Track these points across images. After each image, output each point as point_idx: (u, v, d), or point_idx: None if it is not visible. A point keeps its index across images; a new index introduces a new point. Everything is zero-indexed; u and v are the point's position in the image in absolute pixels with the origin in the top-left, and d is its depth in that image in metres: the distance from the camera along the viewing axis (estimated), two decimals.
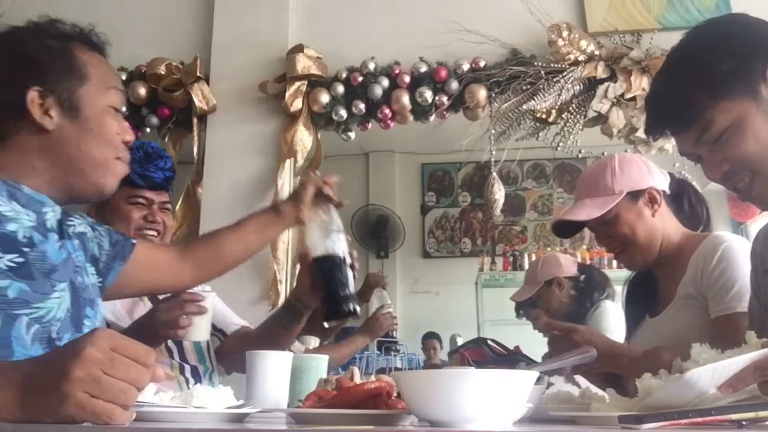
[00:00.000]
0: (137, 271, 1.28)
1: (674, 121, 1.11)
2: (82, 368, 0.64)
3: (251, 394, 1.17)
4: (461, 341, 3.22)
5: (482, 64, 2.53)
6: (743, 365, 0.73)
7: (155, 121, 2.77)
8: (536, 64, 2.48)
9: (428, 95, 2.51)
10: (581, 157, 2.93)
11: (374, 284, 2.88)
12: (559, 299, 2.58)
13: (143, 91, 2.73)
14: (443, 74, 2.53)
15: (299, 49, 2.64)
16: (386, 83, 2.56)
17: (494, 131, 2.50)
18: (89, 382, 0.64)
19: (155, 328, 1.38)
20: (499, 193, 2.54)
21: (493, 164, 2.55)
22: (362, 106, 2.57)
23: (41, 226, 1.05)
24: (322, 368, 1.29)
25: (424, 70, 2.54)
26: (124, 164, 1.14)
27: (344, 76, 2.60)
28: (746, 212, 4.09)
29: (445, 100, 2.52)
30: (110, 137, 1.10)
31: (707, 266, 1.40)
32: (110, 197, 1.48)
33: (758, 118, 1.02)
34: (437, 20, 2.50)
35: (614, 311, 2.42)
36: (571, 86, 2.44)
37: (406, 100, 2.54)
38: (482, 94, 2.49)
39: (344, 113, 2.59)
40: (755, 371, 0.73)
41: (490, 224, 5.08)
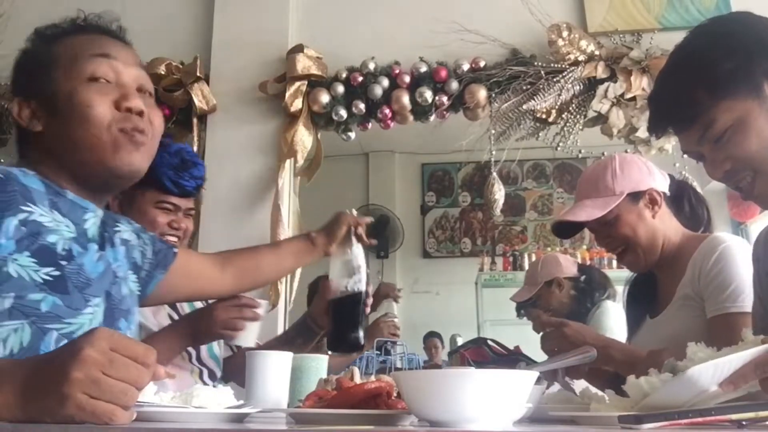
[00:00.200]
0: (177, 279, 1.29)
1: (676, 119, 1.11)
2: (81, 369, 0.64)
3: (251, 394, 1.17)
4: (461, 341, 3.21)
5: (482, 64, 2.53)
6: (744, 362, 0.73)
7: None
8: (536, 64, 2.48)
9: (428, 95, 2.51)
10: (581, 157, 2.93)
11: (385, 294, 2.85)
12: (559, 300, 2.58)
13: None
14: (443, 74, 2.52)
15: (299, 49, 2.64)
16: (386, 83, 2.56)
17: (494, 131, 2.50)
18: (88, 383, 0.64)
19: (211, 325, 1.42)
20: (499, 193, 2.54)
21: (493, 164, 2.55)
22: (362, 106, 2.57)
23: (81, 236, 1.03)
24: (322, 368, 1.29)
25: (424, 70, 2.54)
26: (131, 134, 1.03)
27: (344, 76, 2.60)
28: (746, 212, 4.09)
29: (445, 100, 2.51)
30: (94, 115, 1.00)
31: (705, 267, 1.40)
32: (137, 198, 1.52)
33: (761, 117, 1.02)
34: (437, 20, 2.50)
35: (615, 311, 2.42)
36: (571, 86, 2.44)
37: (406, 100, 2.54)
38: (482, 94, 2.49)
39: (344, 113, 2.58)
40: (756, 368, 0.73)
41: (490, 224, 5.08)
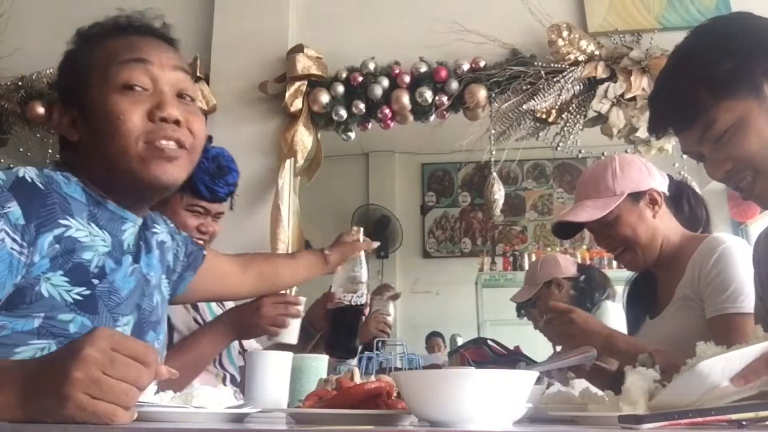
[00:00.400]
0: (204, 280, 1.33)
1: (677, 119, 1.11)
2: (81, 369, 0.64)
3: (251, 394, 1.17)
4: (461, 341, 3.21)
5: (482, 64, 2.53)
6: (755, 356, 0.73)
7: None
8: (536, 64, 2.48)
9: (428, 95, 2.51)
10: (581, 157, 2.93)
11: (378, 293, 2.85)
12: (558, 300, 2.58)
13: None
14: (443, 74, 2.52)
15: (299, 49, 2.64)
16: (386, 83, 2.55)
17: (494, 131, 2.50)
18: (89, 383, 0.64)
19: (257, 320, 1.46)
20: (499, 193, 2.53)
21: (493, 164, 2.54)
22: (362, 106, 2.56)
23: (117, 249, 1.02)
24: (322, 368, 1.30)
25: (424, 70, 2.54)
26: (161, 147, 1.00)
27: (344, 76, 2.60)
28: (746, 212, 4.09)
29: (445, 100, 2.51)
30: (125, 128, 0.98)
31: (704, 268, 1.40)
32: (170, 199, 1.49)
33: (761, 117, 1.02)
34: (437, 20, 2.50)
35: (615, 311, 2.42)
36: (571, 86, 2.44)
37: (406, 100, 2.53)
38: (482, 94, 2.49)
39: (344, 113, 2.58)
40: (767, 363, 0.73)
41: (490, 224, 5.08)
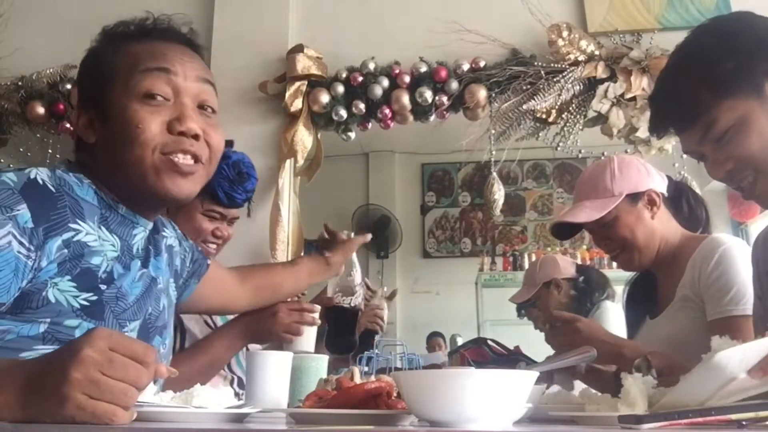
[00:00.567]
0: (206, 290, 1.31)
1: (678, 119, 1.11)
2: (80, 370, 0.64)
3: (251, 394, 1.17)
4: (461, 341, 3.21)
5: (482, 64, 2.53)
6: None
7: None
8: (536, 64, 2.47)
9: (428, 95, 2.51)
10: (581, 157, 2.92)
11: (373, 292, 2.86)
12: (557, 300, 2.59)
13: None
14: (443, 74, 2.52)
15: (299, 49, 2.63)
16: (386, 83, 2.55)
17: (494, 131, 2.50)
18: (88, 384, 0.64)
19: (272, 326, 1.46)
20: (499, 193, 2.53)
21: (493, 164, 2.54)
22: (362, 106, 2.56)
23: (126, 254, 1.01)
24: (322, 368, 1.30)
25: (424, 70, 2.54)
26: (176, 161, 0.99)
27: (344, 76, 2.60)
28: (746, 212, 4.09)
29: (445, 100, 2.51)
30: (143, 138, 0.97)
31: (705, 269, 1.39)
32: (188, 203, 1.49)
33: (762, 116, 1.02)
34: (437, 20, 2.50)
35: (614, 311, 2.42)
36: (571, 86, 2.44)
37: (406, 100, 2.53)
38: (482, 94, 2.49)
39: (344, 113, 2.58)
40: None
41: (490, 224, 5.08)
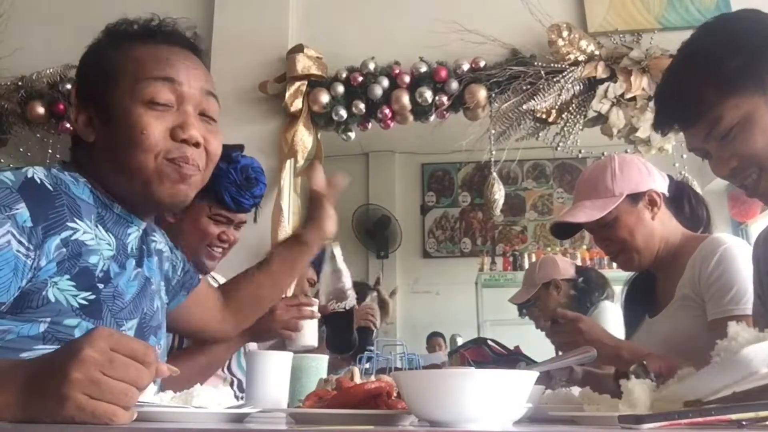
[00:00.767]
0: (193, 307, 1.29)
1: (683, 116, 1.11)
2: (80, 370, 0.64)
3: (251, 394, 1.17)
4: (461, 341, 3.21)
5: (482, 64, 2.53)
6: None
7: None
8: (536, 64, 2.48)
9: (428, 95, 2.51)
10: (581, 157, 2.93)
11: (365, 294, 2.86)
12: (557, 301, 2.59)
13: None
14: (443, 74, 2.52)
15: (299, 49, 2.64)
16: (386, 83, 2.55)
17: (494, 131, 2.50)
18: (88, 384, 0.64)
19: (271, 323, 1.46)
20: (499, 193, 2.53)
21: (493, 164, 2.54)
22: (362, 106, 2.56)
23: (121, 252, 1.01)
24: (322, 368, 1.30)
25: (424, 70, 2.54)
26: (179, 165, 0.99)
27: (344, 76, 2.60)
28: (746, 212, 4.09)
29: (445, 100, 2.51)
30: (147, 143, 0.96)
31: (705, 269, 1.39)
32: (194, 206, 1.40)
33: (767, 114, 1.02)
34: (437, 20, 2.50)
35: (613, 311, 2.42)
36: (571, 86, 2.44)
37: (406, 100, 2.54)
38: (482, 94, 2.49)
39: (344, 113, 2.58)
40: None
41: (490, 224, 5.08)
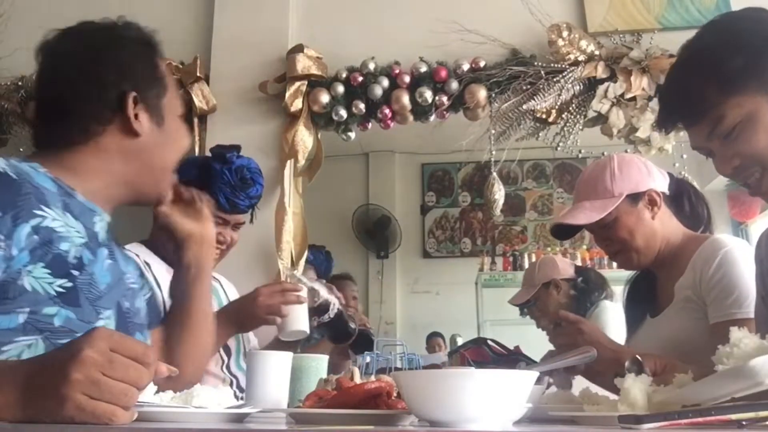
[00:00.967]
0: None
1: (686, 115, 1.12)
2: (80, 371, 0.64)
3: (251, 394, 1.17)
4: (461, 341, 3.21)
5: (482, 64, 2.53)
6: None
7: None
8: (536, 64, 2.47)
9: (428, 95, 2.51)
10: (581, 157, 2.93)
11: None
12: (557, 301, 2.59)
13: None
14: (443, 74, 2.52)
15: (299, 49, 2.63)
16: (386, 83, 2.55)
17: (494, 131, 2.50)
18: (88, 384, 0.64)
19: (254, 310, 1.46)
20: (499, 193, 2.53)
21: (493, 164, 2.54)
22: (362, 106, 2.56)
23: (92, 240, 1.02)
24: (322, 368, 1.29)
25: (424, 70, 2.54)
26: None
27: (344, 76, 2.60)
28: (746, 212, 4.09)
29: (445, 100, 2.51)
30: (184, 147, 1.16)
31: (706, 271, 1.38)
32: None
33: None
34: (437, 20, 2.50)
35: (613, 311, 2.42)
36: (571, 86, 2.44)
37: (406, 100, 2.53)
38: (482, 94, 2.48)
39: (344, 113, 2.58)
40: None
41: (490, 224, 5.08)
